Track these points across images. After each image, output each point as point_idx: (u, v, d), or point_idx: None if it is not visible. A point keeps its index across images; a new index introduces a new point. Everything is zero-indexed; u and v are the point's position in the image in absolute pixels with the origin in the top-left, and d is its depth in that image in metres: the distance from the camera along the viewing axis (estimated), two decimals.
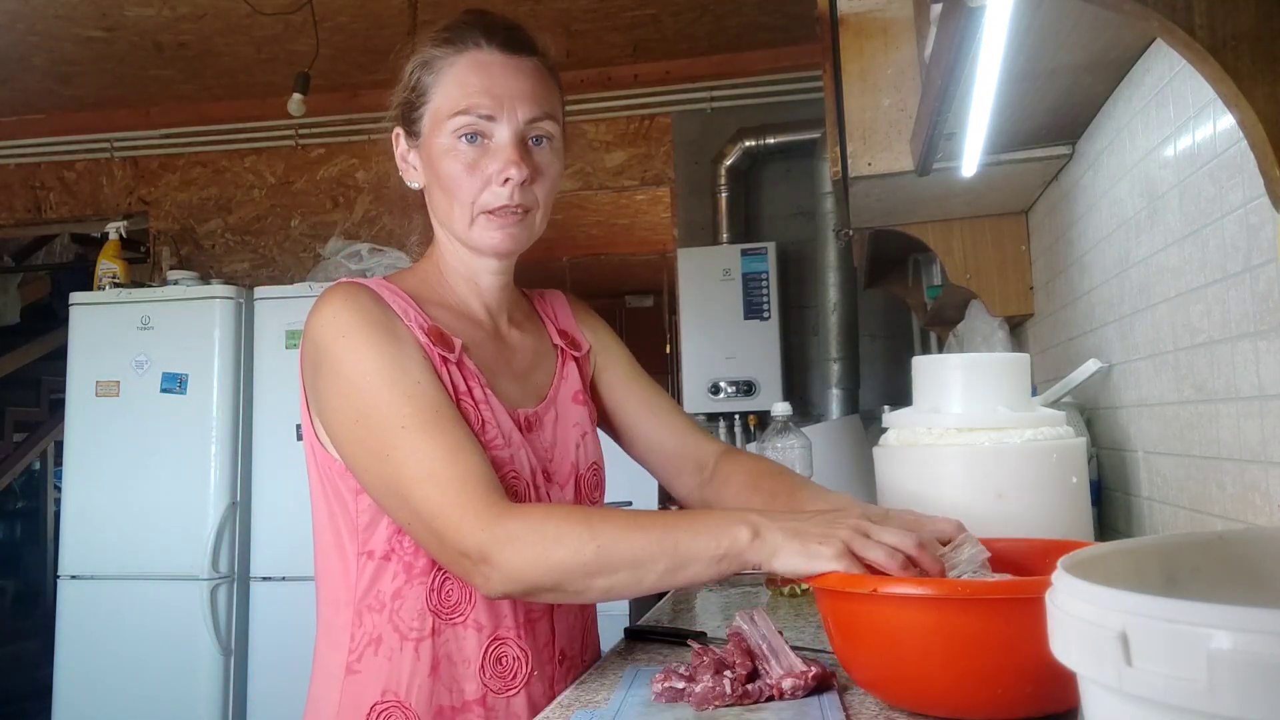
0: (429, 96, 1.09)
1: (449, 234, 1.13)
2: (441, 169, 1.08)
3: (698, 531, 0.90)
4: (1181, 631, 0.39)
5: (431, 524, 0.94)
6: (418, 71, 1.10)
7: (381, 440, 0.97)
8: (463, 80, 1.07)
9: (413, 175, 1.14)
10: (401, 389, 0.98)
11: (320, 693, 1.06)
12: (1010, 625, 0.74)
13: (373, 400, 0.98)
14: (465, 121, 1.06)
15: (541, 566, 0.91)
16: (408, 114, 1.11)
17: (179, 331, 3.38)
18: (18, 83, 3.81)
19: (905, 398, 1.34)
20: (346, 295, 1.04)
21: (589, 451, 1.19)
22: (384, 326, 1.02)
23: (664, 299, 6.84)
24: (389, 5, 3.16)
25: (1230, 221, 1.02)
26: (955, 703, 0.80)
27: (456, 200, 1.08)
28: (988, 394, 1.24)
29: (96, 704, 3.27)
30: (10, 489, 6.63)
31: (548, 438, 1.14)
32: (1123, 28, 1.17)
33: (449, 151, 1.07)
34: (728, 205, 3.67)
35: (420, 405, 0.97)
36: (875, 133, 1.62)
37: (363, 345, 1.00)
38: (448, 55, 1.08)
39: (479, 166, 1.07)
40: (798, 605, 1.50)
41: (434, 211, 1.14)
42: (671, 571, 0.90)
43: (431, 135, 1.09)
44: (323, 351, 1.02)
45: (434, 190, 1.11)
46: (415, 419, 0.97)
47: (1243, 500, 1.03)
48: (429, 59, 1.09)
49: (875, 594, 0.80)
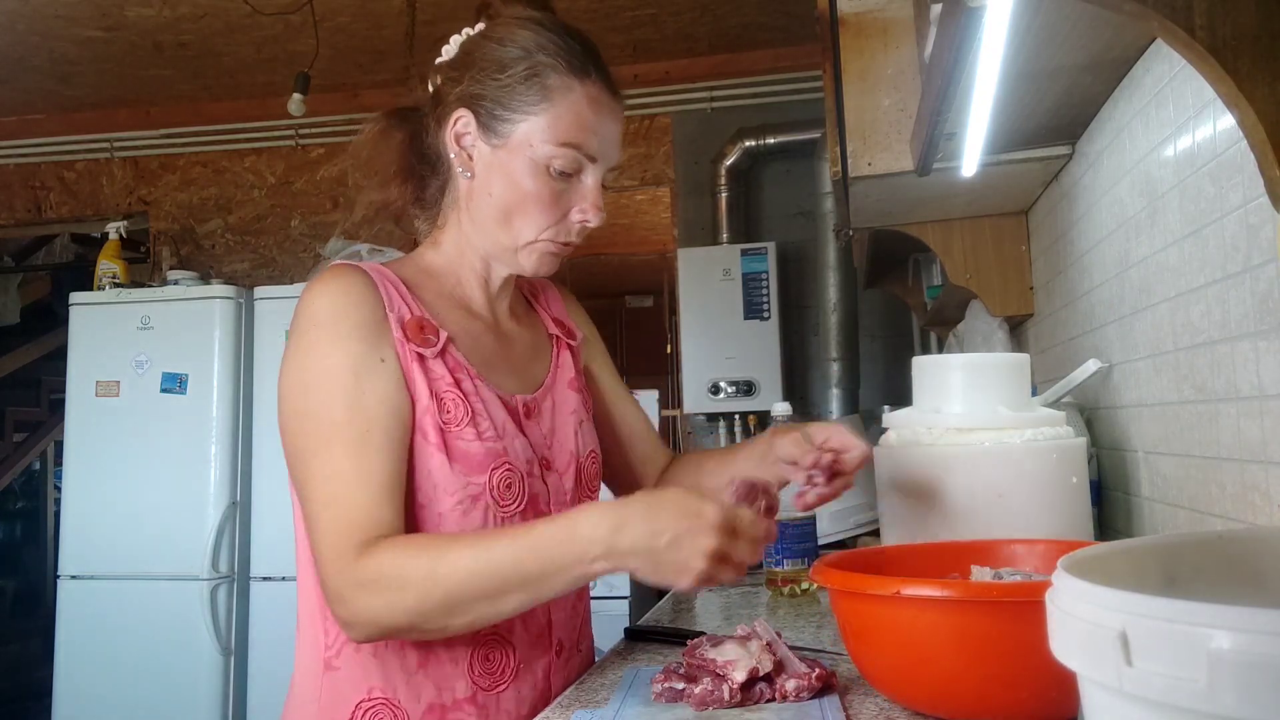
0: (535, 110, 1.04)
1: (480, 235, 1.10)
2: (524, 186, 1.05)
3: (550, 558, 0.89)
4: (1181, 631, 0.39)
5: (315, 545, 0.95)
6: (526, 75, 1.04)
7: (308, 444, 0.97)
8: (579, 112, 1.05)
9: (467, 165, 1.08)
10: (346, 398, 0.97)
11: (300, 689, 1.06)
12: (1034, 628, 0.74)
13: (315, 402, 0.98)
14: (570, 156, 1.05)
15: (393, 612, 0.91)
16: (493, 109, 1.06)
17: (179, 331, 3.38)
18: (18, 83, 3.81)
19: (905, 398, 1.34)
20: (334, 281, 1.03)
21: (587, 439, 1.19)
22: (359, 321, 1.00)
23: (664, 299, 6.84)
24: (389, 5, 3.16)
25: (1230, 221, 1.02)
26: (978, 707, 0.79)
27: (525, 221, 1.06)
28: (988, 394, 1.24)
29: (96, 704, 3.27)
30: (10, 489, 6.63)
31: (546, 425, 1.13)
32: (1123, 28, 1.17)
33: (538, 175, 1.05)
34: (728, 205, 3.67)
35: (355, 420, 0.96)
36: (875, 133, 1.62)
37: (329, 339, 0.99)
38: (566, 79, 1.05)
39: (562, 199, 1.06)
40: (798, 605, 1.50)
41: (473, 210, 1.09)
42: (528, 601, 0.92)
43: (521, 147, 1.04)
44: (295, 333, 1.02)
45: (491, 197, 1.07)
46: (343, 434, 0.96)
47: (1243, 500, 1.03)
48: (544, 69, 1.04)
49: (897, 596, 0.80)
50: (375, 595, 0.91)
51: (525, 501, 1.06)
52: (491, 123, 1.06)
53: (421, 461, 1.00)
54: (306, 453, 0.98)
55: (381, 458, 0.96)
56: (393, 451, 0.98)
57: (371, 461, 0.96)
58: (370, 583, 0.91)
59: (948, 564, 0.97)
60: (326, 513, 0.95)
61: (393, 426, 0.98)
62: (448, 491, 1.00)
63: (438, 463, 1.00)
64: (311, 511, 0.96)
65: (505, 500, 1.03)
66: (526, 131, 1.04)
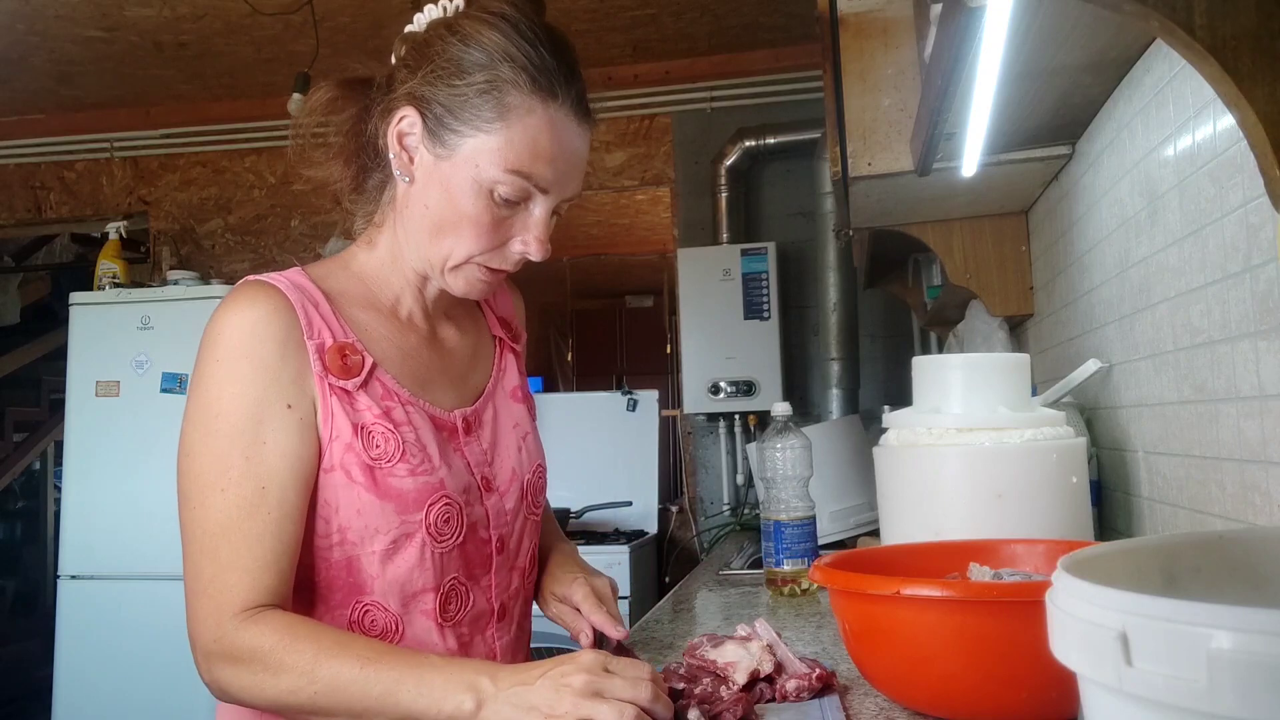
0: (488, 127, 0.94)
1: (410, 246, 1.02)
2: (461, 206, 0.96)
3: (422, 693, 0.82)
4: (1181, 631, 0.39)
5: (189, 596, 0.91)
6: (484, 88, 0.94)
7: (195, 487, 0.92)
8: (535, 138, 0.95)
9: (406, 169, 0.99)
10: (244, 447, 0.91)
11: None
12: (1033, 627, 0.74)
13: (210, 445, 0.92)
14: (518, 185, 0.96)
15: (255, 692, 0.87)
16: (442, 115, 0.96)
17: (179, 331, 3.38)
18: (18, 83, 3.81)
19: (905, 398, 1.34)
20: (246, 308, 0.95)
21: (532, 453, 1.12)
22: (266, 360, 0.93)
23: (664, 299, 6.83)
24: (389, 5, 3.16)
25: (1230, 221, 1.02)
26: (978, 707, 0.79)
27: (457, 242, 0.98)
28: (988, 394, 1.24)
29: (96, 704, 3.27)
30: (10, 489, 6.62)
31: (487, 439, 1.07)
32: (1123, 28, 1.17)
33: (480, 197, 0.96)
34: (728, 205, 3.66)
35: (250, 473, 0.91)
36: (875, 133, 1.62)
37: (233, 378, 0.92)
38: (528, 100, 0.94)
39: (503, 226, 0.98)
40: (798, 605, 1.50)
41: (406, 217, 1.01)
42: None
43: (466, 164, 0.95)
44: (200, 362, 0.95)
45: (427, 209, 0.99)
46: (236, 487, 0.90)
47: (1243, 500, 1.03)
48: (504, 85, 0.94)
49: (897, 596, 0.80)
50: (243, 669, 0.87)
51: (464, 532, 1.01)
52: (438, 130, 0.96)
53: (348, 502, 0.95)
54: (195, 496, 0.92)
55: (274, 518, 0.91)
56: (287, 513, 0.92)
57: (263, 521, 0.90)
58: (243, 654, 0.87)
59: (948, 564, 0.97)
60: (208, 566, 0.90)
61: (290, 485, 0.92)
62: (381, 531, 0.96)
63: (368, 502, 0.95)
64: (191, 560, 0.91)
65: (443, 535, 0.99)
66: (474, 149, 0.95)
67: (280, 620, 0.88)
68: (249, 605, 0.89)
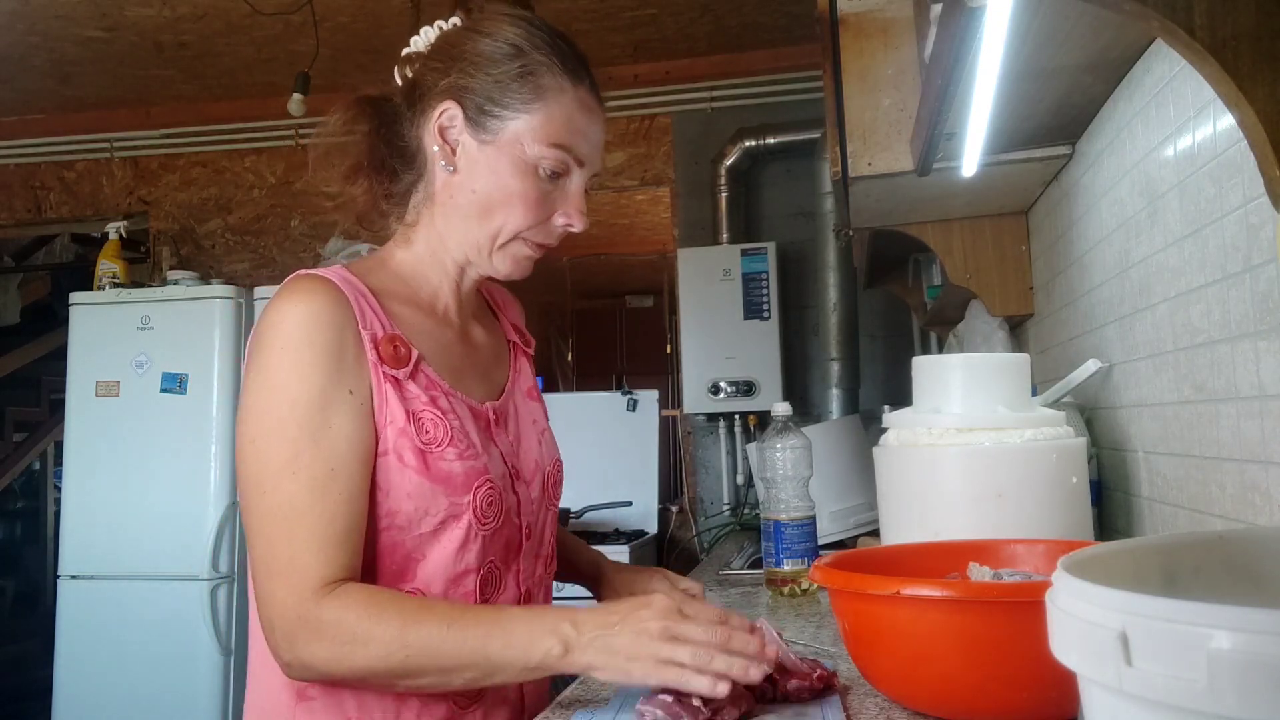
0: (528, 108, 1.03)
1: (456, 232, 1.07)
2: (510, 185, 1.04)
3: (510, 643, 0.88)
4: (1181, 631, 0.39)
5: (263, 579, 0.93)
6: (521, 73, 1.03)
7: (266, 472, 0.94)
8: (571, 115, 1.05)
9: (450, 159, 1.05)
10: (312, 432, 0.94)
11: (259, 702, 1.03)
12: (1033, 627, 0.74)
13: (279, 431, 0.95)
14: (560, 158, 1.04)
15: (343, 663, 0.90)
16: (483, 103, 1.04)
17: (179, 331, 3.38)
18: (18, 83, 3.81)
19: (905, 398, 1.34)
20: (304, 298, 0.98)
21: (550, 448, 1.19)
22: (327, 347, 0.96)
23: (664, 299, 6.83)
24: (389, 5, 3.16)
25: (1230, 221, 1.02)
26: (978, 707, 0.79)
27: (509, 217, 1.05)
28: (988, 394, 1.24)
29: (96, 704, 3.27)
30: (10, 489, 6.63)
31: (512, 432, 1.12)
32: (1123, 28, 1.17)
33: (527, 174, 1.04)
34: (728, 205, 3.66)
35: (320, 456, 0.94)
36: (875, 133, 1.62)
37: (297, 365, 0.95)
38: (561, 80, 1.04)
39: (546, 201, 1.06)
40: (798, 605, 1.50)
41: (452, 205, 1.07)
42: (478, 679, 0.91)
43: (511, 145, 1.03)
44: (260, 352, 0.98)
45: (475, 193, 1.05)
46: (307, 470, 0.93)
47: (1243, 500, 1.03)
48: (539, 68, 1.04)
49: (897, 596, 0.80)
50: (330, 642, 0.89)
51: (503, 517, 1.05)
52: (480, 117, 1.04)
53: (399, 485, 0.98)
54: (265, 483, 0.94)
55: (344, 498, 0.94)
56: (354, 493, 0.95)
57: (335, 501, 0.94)
58: (329, 628, 0.89)
59: (948, 564, 0.97)
60: (284, 548, 0.92)
61: (356, 469, 0.96)
62: (430, 513, 0.99)
63: (419, 484, 0.98)
64: (264, 544, 0.93)
65: (486, 519, 1.02)
66: (517, 129, 1.04)
67: (360, 592, 0.92)
68: (327, 581, 0.91)
